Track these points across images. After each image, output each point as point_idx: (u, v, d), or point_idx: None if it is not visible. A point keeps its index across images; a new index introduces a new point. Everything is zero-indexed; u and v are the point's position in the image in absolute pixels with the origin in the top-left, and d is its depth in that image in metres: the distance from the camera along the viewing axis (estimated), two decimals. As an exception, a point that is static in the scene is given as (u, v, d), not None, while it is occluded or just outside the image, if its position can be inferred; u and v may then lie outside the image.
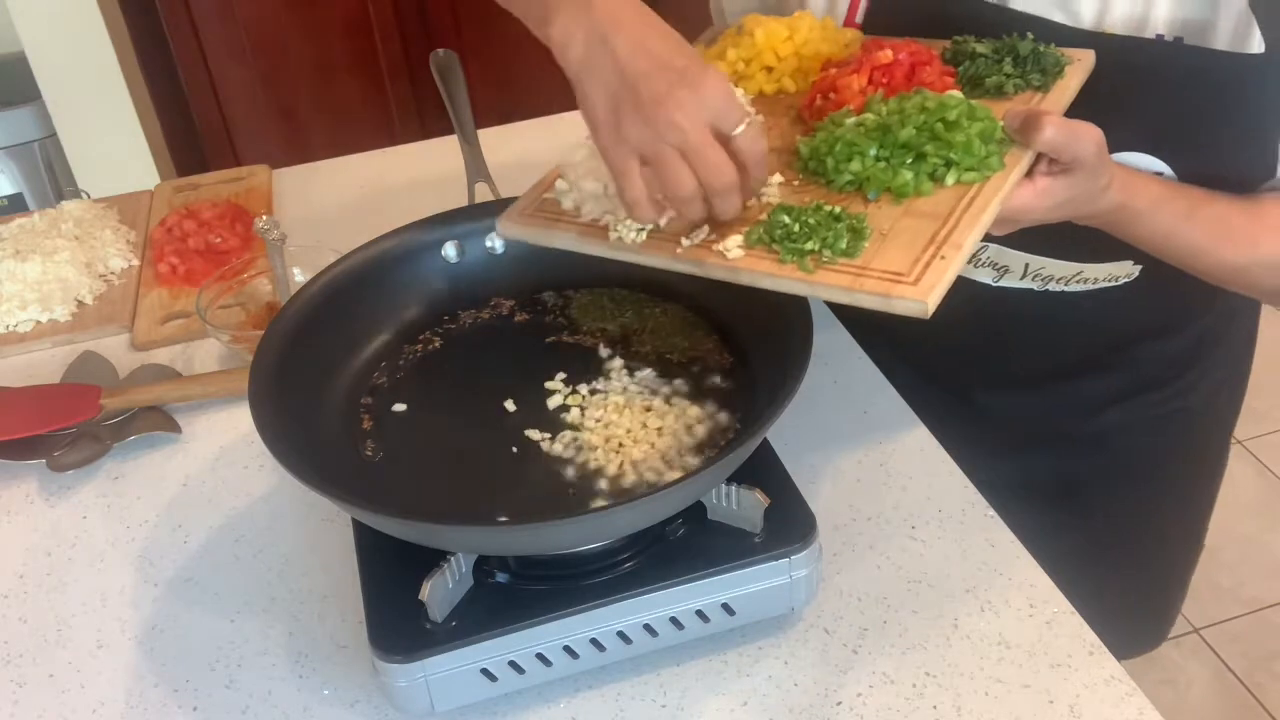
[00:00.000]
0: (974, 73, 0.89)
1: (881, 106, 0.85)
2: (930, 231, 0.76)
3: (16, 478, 1.03)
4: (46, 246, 1.27)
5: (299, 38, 2.73)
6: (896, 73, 0.88)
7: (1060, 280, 1.00)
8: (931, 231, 0.76)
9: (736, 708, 0.79)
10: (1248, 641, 2.14)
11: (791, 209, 0.80)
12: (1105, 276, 1.00)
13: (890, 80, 0.88)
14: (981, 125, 0.80)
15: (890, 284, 0.73)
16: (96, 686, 0.84)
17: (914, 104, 0.83)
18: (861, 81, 0.88)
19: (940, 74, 0.89)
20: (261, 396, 0.80)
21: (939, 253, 0.74)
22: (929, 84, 0.87)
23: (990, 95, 0.88)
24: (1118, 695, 0.78)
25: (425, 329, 0.95)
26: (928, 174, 0.80)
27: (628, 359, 0.91)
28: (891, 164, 0.80)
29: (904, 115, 0.82)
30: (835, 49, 0.96)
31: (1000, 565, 0.88)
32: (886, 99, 0.85)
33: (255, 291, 1.17)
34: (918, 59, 0.89)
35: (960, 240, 0.75)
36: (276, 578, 0.91)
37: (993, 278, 1.02)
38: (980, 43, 0.91)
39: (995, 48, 0.90)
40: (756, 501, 0.79)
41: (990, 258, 1.00)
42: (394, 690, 0.76)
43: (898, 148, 0.81)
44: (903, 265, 0.74)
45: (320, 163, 1.52)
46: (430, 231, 0.97)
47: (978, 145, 0.79)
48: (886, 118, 0.83)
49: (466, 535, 0.76)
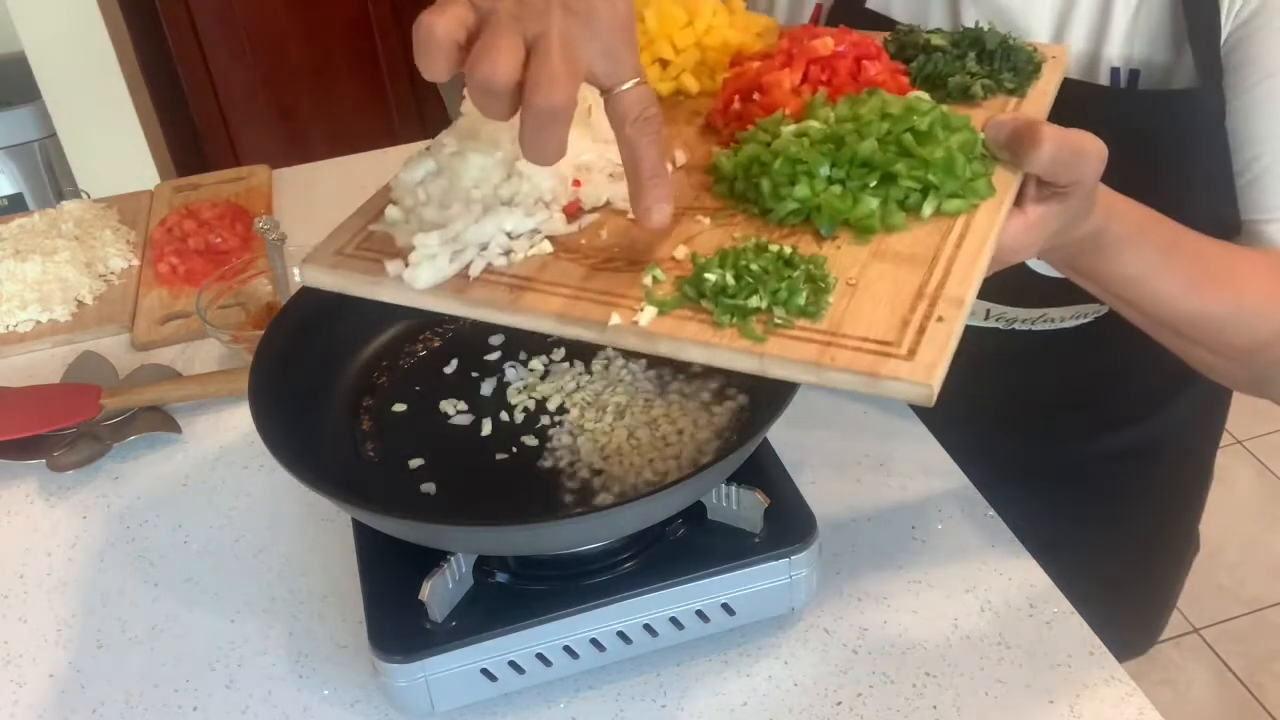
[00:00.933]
0: (931, 70, 0.73)
1: (827, 111, 0.66)
2: (915, 282, 0.58)
3: (16, 478, 1.03)
4: (46, 246, 1.27)
5: (299, 38, 2.73)
6: (839, 67, 0.70)
7: (1025, 321, 0.98)
8: (917, 282, 0.58)
9: (736, 708, 0.79)
10: (1248, 641, 2.14)
11: (724, 253, 0.60)
12: (1072, 315, 0.97)
13: (832, 78, 0.70)
14: (961, 136, 0.63)
15: (876, 358, 0.54)
16: (96, 686, 0.84)
17: (870, 109, 0.64)
18: (794, 78, 0.70)
19: (891, 71, 0.72)
20: (261, 396, 0.80)
21: (934, 313, 0.56)
22: (878, 83, 0.70)
23: (953, 99, 0.72)
24: (1118, 695, 0.78)
25: (425, 329, 0.95)
26: (899, 202, 0.62)
27: (629, 359, 0.91)
28: (849, 188, 0.62)
29: (860, 123, 0.64)
30: (747, 39, 0.78)
31: (1000, 565, 0.88)
32: (831, 101, 0.67)
33: (255, 291, 1.17)
34: (862, 51, 0.71)
35: (960, 294, 0.57)
36: (276, 578, 0.91)
37: None
38: (935, 33, 0.76)
39: (954, 40, 0.75)
40: (756, 501, 0.79)
41: None
42: (394, 690, 0.76)
43: (856, 166, 0.62)
44: (888, 331, 0.55)
45: (320, 163, 1.52)
46: (430, 231, 0.96)
47: (961, 162, 0.62)
48: (836, 126, 0.64)
49: (466, 535, 0.76)
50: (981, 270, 0.59)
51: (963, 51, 0.74)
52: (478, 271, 0.62)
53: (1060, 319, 0.98)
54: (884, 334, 0.55)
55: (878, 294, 0.58)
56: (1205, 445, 1.21)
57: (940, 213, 0.62)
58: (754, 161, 0.65)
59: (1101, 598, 0.91)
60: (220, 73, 2.72)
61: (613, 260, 0.62)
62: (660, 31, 0.77)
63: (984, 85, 0.72)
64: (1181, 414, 1.12)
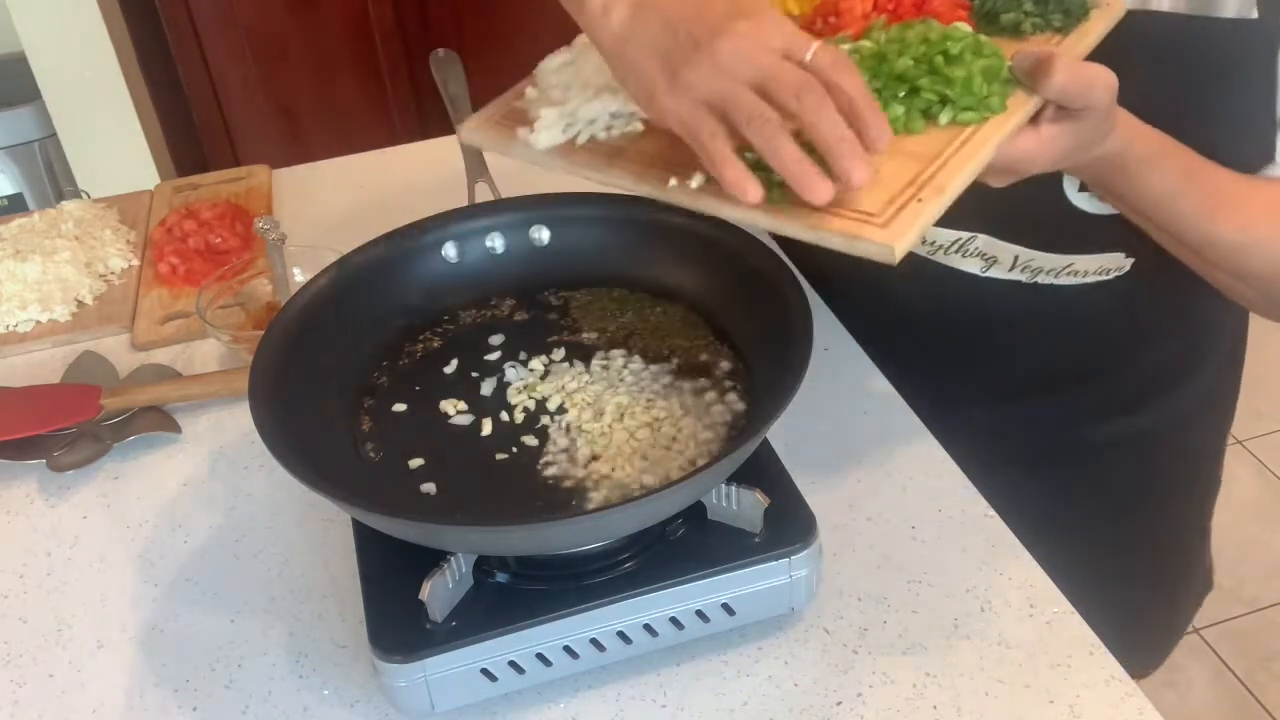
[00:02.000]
0: (990, 8, 0.82)
1: (881, 34, 0.78)
2: (913, 172, 0.69)
3: (16, 478, 1.03)
4: (46, 246, 1.27)
5: (299, 38, 2.73)
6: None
7: (1050, 272, 0.98)
8: (914, 172, 0.69)
9: (736, 708, 0.79)
10: (1248, 641, 2.14)
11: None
12: (1096, 269, 0.98)
13: (897, 7, 0.81)
14: (986, 62, 0.74)
15: (858, 224, 0.66)
16: (96, 686, 0.84)
17: (915, 33, 0.76)
18: (865, 6, 0.82)
19: (953, 5, 0.82)
20: (261, 396, 0.80)
21: (917, 195, 0.68)
22: (938, 14, 0.80)
23: (1005, 33, 0.82)
24: (1118, 695, 0.78)
25: (425, 329, 0.95)
26: (920, 110, 0.73)
27: (628, 359, 0.91)
28: (883, 96, 0.73)
29: (903, 45, 0.75)
30: None
31: (1000, 565, 0.88)
32: (889, 26, 0.79)
33: (255, 291, 1.17)
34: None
35: (943, 184, 0.68)
36: (276, 578, 0.91)
37: (980, 268, 0.99)
38: None
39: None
40: (756, 501, 0.79)
41: (979, 248, 0.98)
42: (394, 690, 0.76)
43: (891, 79, 0.74)
44: (875, 205, 0.67)
45: (320, 163, 1.52)
46: (430, 231, 0.97)
47: (979, 83, 0.73)
48: (884, 46, 0.76)
49: (466, 535, 0.76)
50: (972, 170, 0.70)
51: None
52: (583, 140, 0.77)
53: (1084, 272, 0.98)
54: (872, 207, 0.67)
55: (882, 180, 0.68)
56: (1208, 446, 1.21)
57: (955, 122, 0.73)
58: None
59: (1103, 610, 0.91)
60: (220, 73, 2.72)
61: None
62: None
63: (1033, 23, 0.82)
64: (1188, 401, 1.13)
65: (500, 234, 0.98)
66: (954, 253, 0.99)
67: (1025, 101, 0.74)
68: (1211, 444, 1.22)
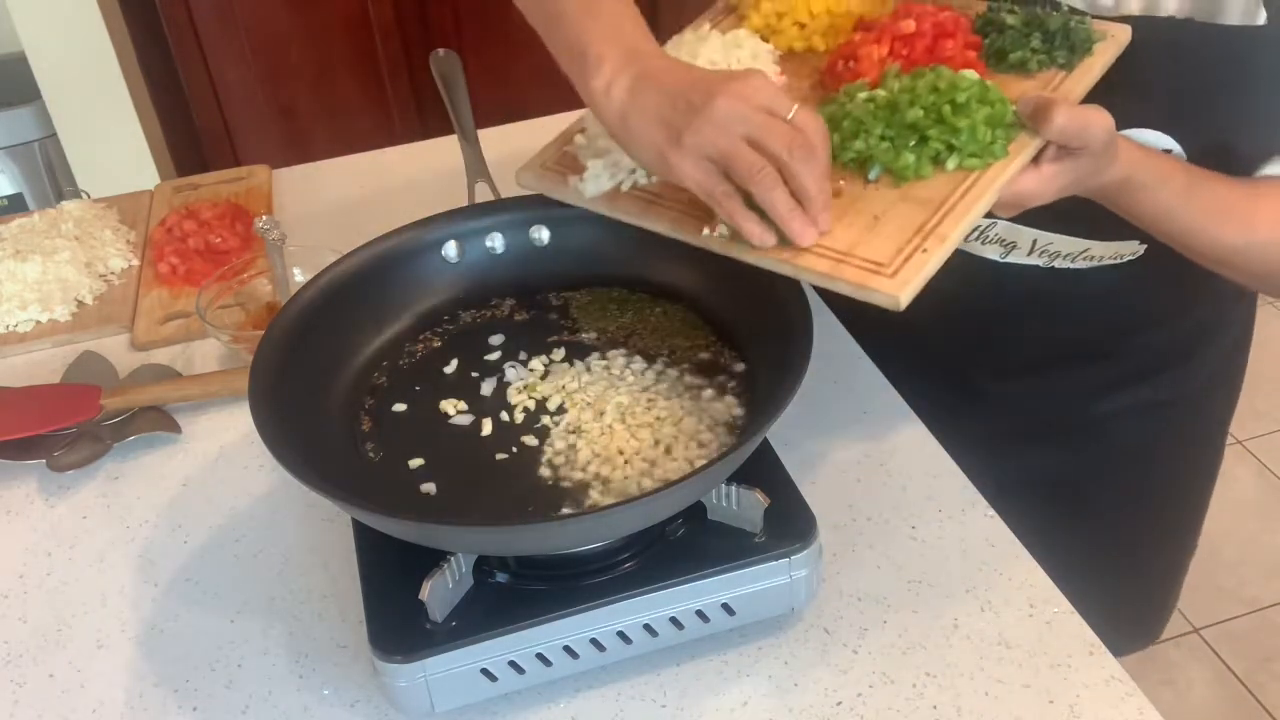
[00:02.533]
0: (1000, 46, 0.87)
1: (895, 82, 0.84)
2: (920, 220, 0.76)
3: (16, 478, 1.03)
4: (46, 246, 1.27)
5: (299, 38, 2.73)
6: (918, 44, 0.86)
7: (1067, 257, 1.01)
8: (921, 220, 0.76)
9: (736, 708, 0.79)
10: (1248, 641, 2.14)
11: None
12: (1111, 254, 1.01)
13: (910, 53, 0.86)
14: (990, 110, 0.79)
15: (869, 274, 0.73)
16: (96, 686, 0.84)
17: (925, 83, 0.82)
18: (882, 51, 0.87)
19: (963, 47, 0.87)
20: (261, 396, 0.80)
21: (922, 245, 0.74)
22: (950, 58, 0.86)
23: (1013, 70, 0.87)
24: (1118, 695, 0.78)
25: (425, 329, 0.95)
26: (930, 157, 0.79)
27: (628, 359, 0.91)
28: (895, 145, 0.80)
29: (914, 94, 0.81)
30: (870, 7, 0.94)
31: (1000, 565, 0.88)
32: (903, 73, 0.84)
33: (255, 291, 1.17)
34: (942, 30, 0.87)
35: (945, 233, 0.75)
36: (276, 578, 0.91)
37: (1000, 254, 1.02)
38: (1012, 13, 0.90)
39: (1025, 20, 0.88)
40: (756, 501, 0.79)
41: (999, 234, 1.01)
42: (394, 690, 0.76)
43: (903, 128, 0.80)
44: (885, 255, 0.74)
45: (320, 163, 1.52)
46: (430, 231, 0.97)
47: (983, 131, 0.78)
48: (897, 95, 0.82)
49: (466, 535, 0.76)
50: (974, 217, 0.76)
51: (1030, 31, 0.88)
52: (626, 188, 0.86)
53: (1100, 257, 1.01)
54: (882, 257, 0.74)
55: (890, 229, 0.76)
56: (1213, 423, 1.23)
57: (961, 167, 0.79)
58: (830, 119, 0.82)
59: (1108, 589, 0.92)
60: (220, 73, 2.72)
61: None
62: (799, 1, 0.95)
63: (1039, 61, 0.87)
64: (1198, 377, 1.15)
65: (500, 234, 0.98)
66: (974, 240, 1.02)
67: (1028, 143, 0.79)
68: (1215, 422, 1.24)
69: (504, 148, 1.33)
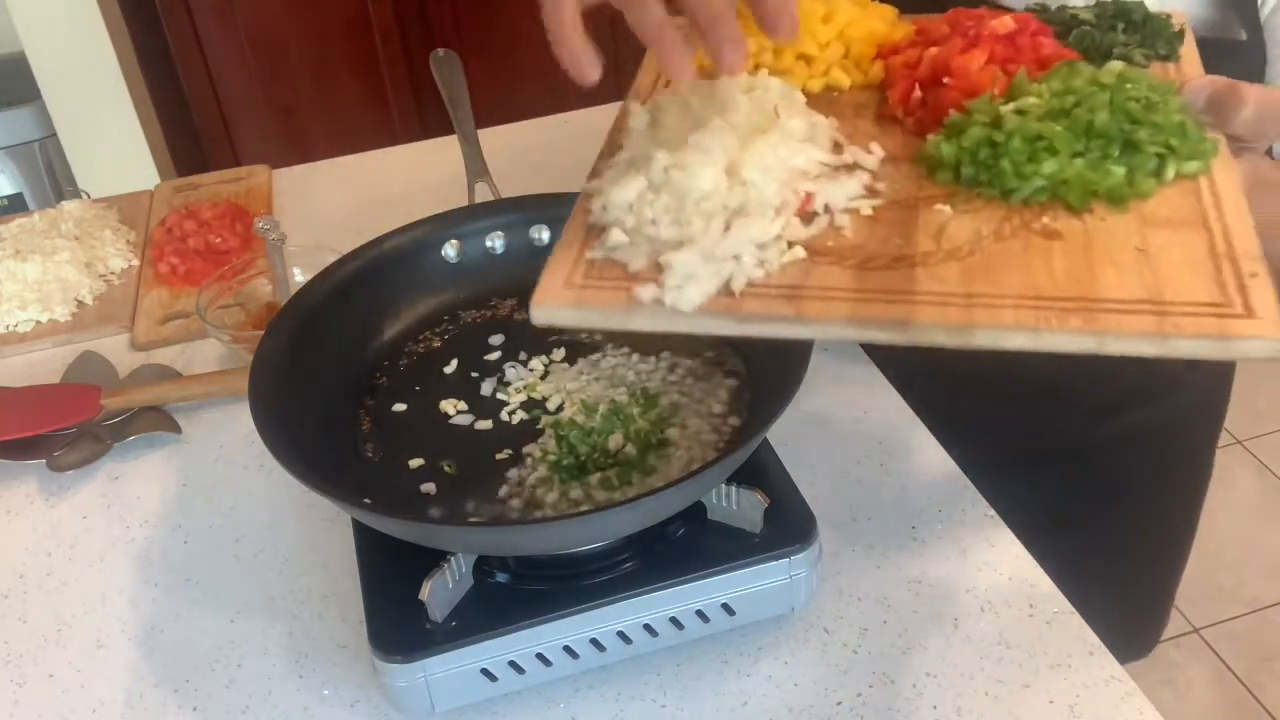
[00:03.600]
0: (1089, 44, 0.73)
1: (1038, 87, 0.66)
2: (1203, 244, 0.59)
3: (16, 478, 1.03)
4: (46, 246, 1.27)
5: (299, 38, 2.73)
6: (1022, 45, 0.70)
7: None
8: (1204, 244, 0.59)
9: (736, 708, 0.79)
10: (1248, 641, 2.14)
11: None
12: None
13: (1016, 56, 0.70)
14: (1180, 100, 0.65)
15: (1218, 320, 0.55)
16: (96, 686, 0.84)
17: (1085, 80, 0.65)
18: (981, 59, 0.69)
19: (1059, 51, 0.72)
20: (261, 396, 0.80)
21: (1241, 269, 0.57)
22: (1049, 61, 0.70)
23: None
24: (1118, 695, 0.78)
25: (425, 329, 0.95)
26: (1146, 168, 0.63)
27: (628, 359, 0.91)
28: (1091, 160, 0.63)
29: (1081, 96, 0.64)
30: (886, 27, 0.78)
31: (1000, 565, 0.88)
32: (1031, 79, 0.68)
33: (255, 291, 1.17)
34: (1035, 27, 0.71)
35: (1254, 250, 0.58)
36: (276, 578, 0.91)
37: None
38: (1078, 9, 0.76)
39: (1098, 13, 0.75)
40: (756, 501, 0.79)
41: None
42: (394, 690, 0.76)
43: (1094, 138, 0.63)
44: (1209, 292, 0.56)
45: (320, 163, 1.52)
46: (430, 231, 0.97)
47: (1192, 125, 0.63)
48: (1054, 101, 0.65)
49: (466, 535, 0.76)
50: (1253, 224, 0.60)
51: (1111, 23, 0.75)
52: (740, 285, 0.60)
53: None
54: (1209, 296, 0.56)
55: (1175, 259, 0.58)
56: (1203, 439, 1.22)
57: (1179, 175, 0.63)
58: (983, 144, 0.65)
59: (1102, 593, 0.91)
60: (220, 73, 2.72)
61: (873, 259, 0.62)
62: (801, 29, 0.71)
63: (1143, 54, 0.74)
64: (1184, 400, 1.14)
65: (500, 234, 0.98)
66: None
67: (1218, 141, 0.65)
68: (1204, 438, 1.23)
69: (504, 148, 1.33)
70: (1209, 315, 0.55)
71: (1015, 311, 0.57)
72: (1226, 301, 0.55)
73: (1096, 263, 0.59)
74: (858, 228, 0.64)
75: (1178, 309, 0.55)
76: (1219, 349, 0.54)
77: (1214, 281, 0.57)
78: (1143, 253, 0.59)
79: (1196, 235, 0.59)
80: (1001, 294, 0.58)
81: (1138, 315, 0.55)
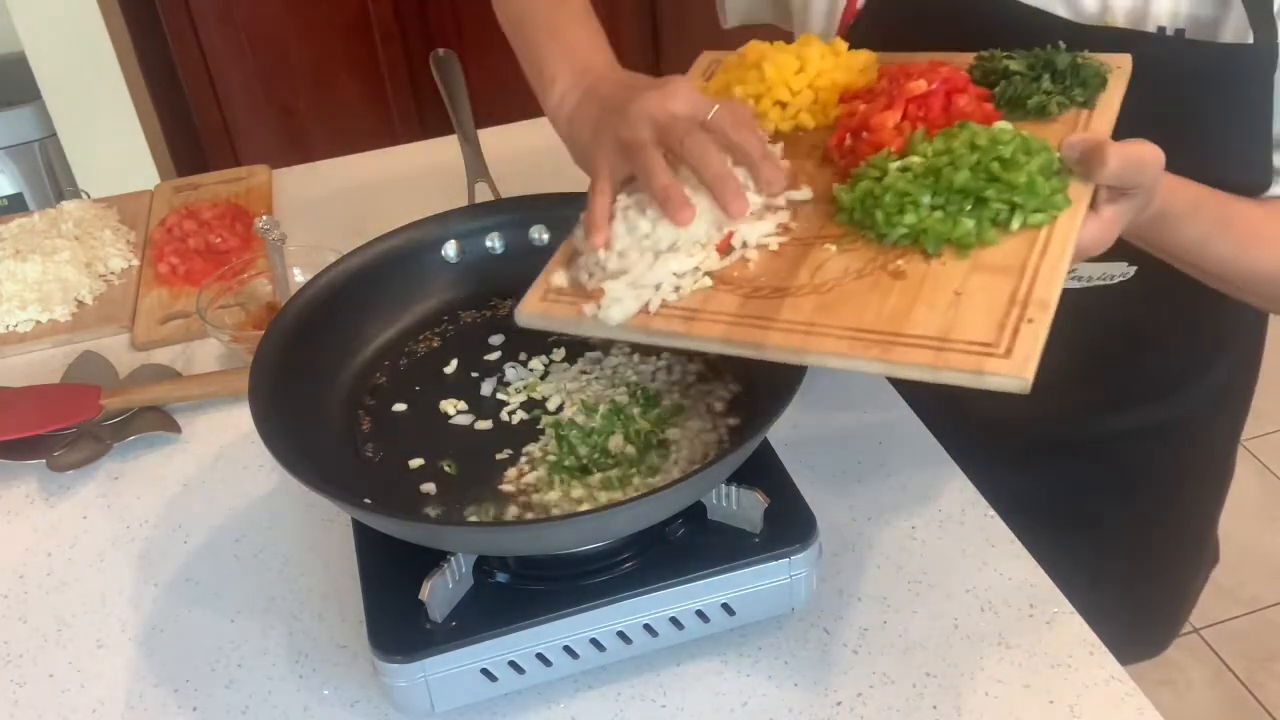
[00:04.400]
0: (1012, 94, 0.82)
1: (926, 146, 0.77)
2: (1009, 288, 0.69)
3: (16, 478, 1.03)
4: (46, 246, 1.27)
5: (299, 38, 2.73)
6: (933, 104, 0.80)
7: None
8: (1010, 288, 0.69)
9: (736, 708, 0.79)
10: (1248, 641, 2.14)
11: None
12: (1100, 275, 0.99)
13: (927, 114, 0.80)
14: (1040, 160, 0.73)
15: (980, 357, 0.65)
16: (96, 686, 0.84)
17: (962, 142, 0.75)
18: (896, 117, 0.80)
19: (977, 100, 0.81)
20: (261, 396, 0.80)
21: (1024, 315, 0.67)
22: (968, 114, 0.79)
23: (1032, 117, 0.81)
24: (1118, 695, 0.78)
25: (425, 329, 0.95)
26: (991, 220, 0.72)
27: (628, 359, 0.91)
28: (949, 213, 0.72)
29: (954, 156, 0.74)
30: (851, 76, 0.88)
31: (1000, 565, 0.88)
32: (928, 136, 0.78)
33: (255, 291, 1.17)
34: (952, 86, 0.81)
35: (1045, 297, 0.68)
36: (276, 578, 0.91)
37: None
38: (1011, 58, 0.85)
39: (1029, 63, 0.83)
40: (756, 501, 0.79)
41: None
42: (394, 690, 0.76)
43: (954, 194, 0.73)
44: (987, 333, 0.66)
45: (320, 163, 1.52)
46: (430, 231, 0.97)
47: (1040, 183, 0.72)
48: (934, 160, 0.75)
49: (466, 535, 0.76)
50: (1062, 274, 0.69)
51: (1038, 73, 0.83)
52: (655, 307, 0.75)
53: (1089, 278, 1.00)
54: (985, 336, 0.66)
55: (979, 303, 0.68)
56: (1223, 438, 1.22)
57: (1026, 226, 0.72)
58: (868, 195, 0.75)
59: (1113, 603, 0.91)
60: (220, 73, 2.72)
61: (760, 289, 0.74)
62: (777, 79, 0.88)
63: (1058, 103, 0.82)
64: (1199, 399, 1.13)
65: (500, 234, 0.98)
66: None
67: (1081, 190, 0.74)
68: (1225, 437, 1.23)
69: (504, 148, 1.33)
70: (977, 353, 0.65)
71: (836, 341, 0.69)
72: (995, 342, 0.66)
73: (918, 302, 0.70)
74: (762, 261, 0.77)
75: (956, 346, 0.66)
76: (975, 380, 0.65)
77: (997, 324, 0.67)
78: (959, 295, 0.69)
79: (1008, 281, 0.69)
80: (833, 325, 0.70)
81: (921, 349, 0.66)
